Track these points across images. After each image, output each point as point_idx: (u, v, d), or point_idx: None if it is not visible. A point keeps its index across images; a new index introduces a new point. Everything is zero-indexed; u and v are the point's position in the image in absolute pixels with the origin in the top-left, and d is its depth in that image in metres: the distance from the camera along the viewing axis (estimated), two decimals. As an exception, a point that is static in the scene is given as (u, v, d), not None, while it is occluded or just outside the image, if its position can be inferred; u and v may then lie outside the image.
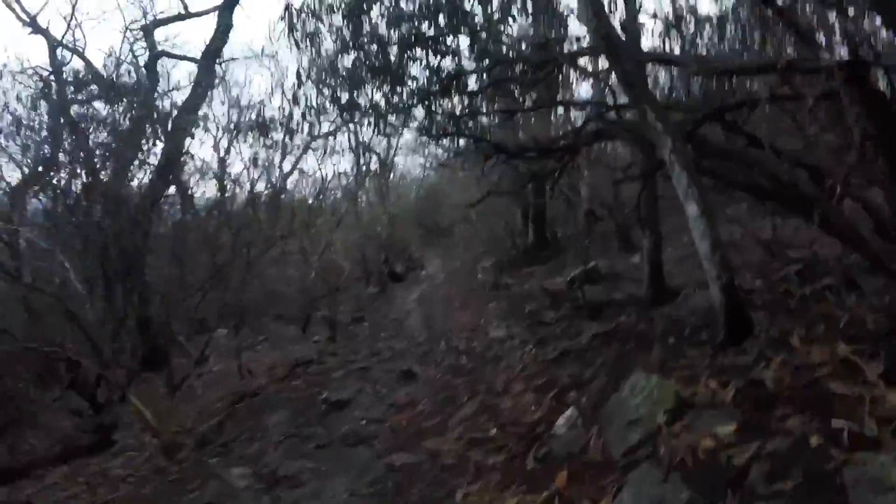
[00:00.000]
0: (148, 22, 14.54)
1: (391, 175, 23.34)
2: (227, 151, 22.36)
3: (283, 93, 8.37)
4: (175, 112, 12.33)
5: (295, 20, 7.10)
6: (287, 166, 25.05)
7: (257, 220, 11.30)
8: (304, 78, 7.39)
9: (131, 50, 13.65)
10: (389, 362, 8.07)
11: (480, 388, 6.60)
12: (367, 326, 11.24)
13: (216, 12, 13.83)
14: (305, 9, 7.04)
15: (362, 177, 19.55)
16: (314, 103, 7.41)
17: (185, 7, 15.27)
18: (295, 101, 7.36)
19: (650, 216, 7.77)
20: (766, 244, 7.07)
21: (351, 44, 7.13)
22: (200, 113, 14.55)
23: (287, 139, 24.18)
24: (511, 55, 7.29)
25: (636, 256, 12.22)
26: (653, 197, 7.72)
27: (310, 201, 19.15)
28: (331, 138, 24.72)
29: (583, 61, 7.82)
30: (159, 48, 14.45)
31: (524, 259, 15.01)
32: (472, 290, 14.41)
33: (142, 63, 13.78)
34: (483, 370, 7.19)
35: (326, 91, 7.56)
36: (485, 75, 7.47)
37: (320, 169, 26.39)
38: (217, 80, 16.06)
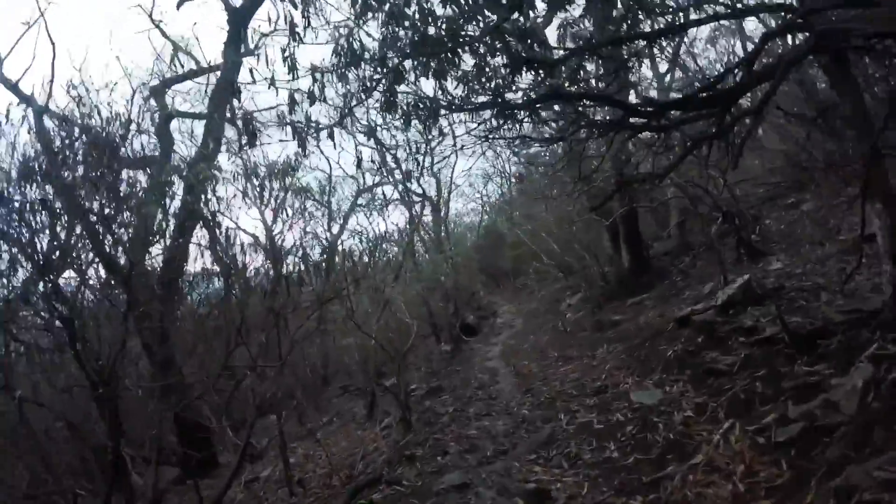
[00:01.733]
0: (158, 83, 12.54)
1: (446, 219, 20.67)
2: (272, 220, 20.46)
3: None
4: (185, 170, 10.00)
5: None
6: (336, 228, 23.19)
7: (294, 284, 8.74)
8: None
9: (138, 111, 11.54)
10: (497, 465, 5.10)
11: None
12: (448, 399, 8.30)
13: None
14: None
15: (416, 223, 16.90)
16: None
17: (198, 62, 13.27)
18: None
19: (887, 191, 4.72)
20: None
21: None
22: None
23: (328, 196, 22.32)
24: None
25: (774, 263, 9.21)
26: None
27: (362, 258, 16.74)
28: (377, 189, 22.77)
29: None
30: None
31: (621, 289, 11.94)
32: (565, 334, 11.38)
33: (152, 128, 11.69)
34: (660, 471, 4.18)
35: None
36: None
37: (371, 225, 24.20)
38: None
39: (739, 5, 4.69)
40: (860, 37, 3.80)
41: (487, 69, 4.90)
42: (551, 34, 6.66)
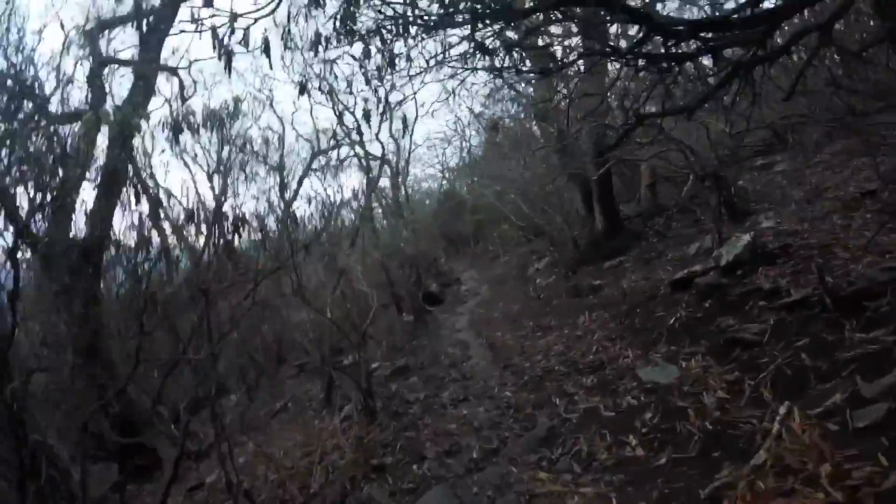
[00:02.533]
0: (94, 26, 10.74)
1: (405, 182, 19.39)
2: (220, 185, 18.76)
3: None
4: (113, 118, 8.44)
5: None
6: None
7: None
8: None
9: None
10: (489, 471, 3.99)
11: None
12: (417, 382, 7.19)
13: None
14: None
15: (374, 185, 15.61)
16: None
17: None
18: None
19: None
20: None
21: None
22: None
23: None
24: None
25: (763, 222, 8.40)
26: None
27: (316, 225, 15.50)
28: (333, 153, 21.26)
29: None
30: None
31: (594, 252, 11.02)
32: (537, 301, 10.41)
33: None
34: (713, 476, 3.17)
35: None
36: None
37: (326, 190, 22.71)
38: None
39: None
40: None
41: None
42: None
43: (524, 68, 4.97)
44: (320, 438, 6.46)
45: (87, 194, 9.99)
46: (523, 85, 16.19)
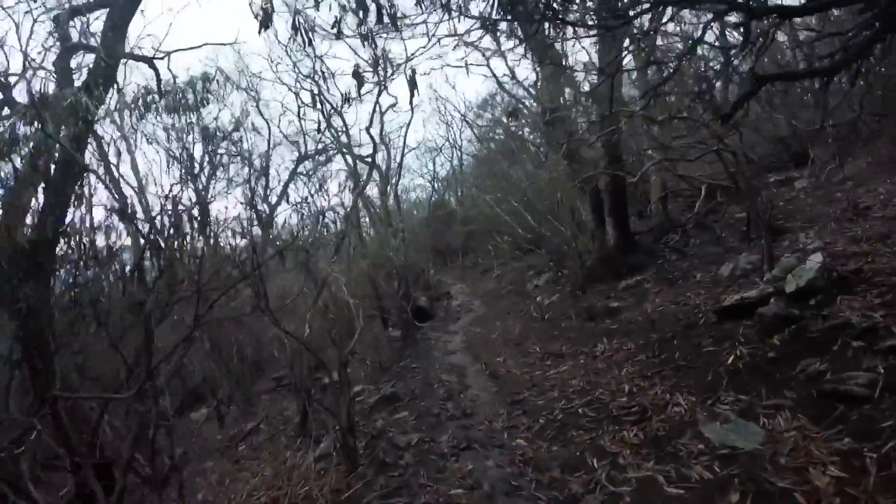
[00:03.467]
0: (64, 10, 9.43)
1: (396, 187, 18.09)
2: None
3: None
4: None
5: None
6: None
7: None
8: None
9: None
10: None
11: None
12: (408, 417, 5.89)
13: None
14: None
15: (361, 189, 14.29)
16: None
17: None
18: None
19: None
20: None
21: None
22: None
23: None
24: None
25: (806, 241, 7.35)
26: None
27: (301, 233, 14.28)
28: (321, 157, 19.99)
29: None
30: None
31: (605, 269, 9.85)
32: (542, 322, 9.18)
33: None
34: None
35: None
36: None
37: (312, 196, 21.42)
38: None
39: None
40: None
41: None
42: None
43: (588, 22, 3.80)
44: (290, 481, 5.21)
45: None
46: (523, 90, 15.20)
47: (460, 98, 36.35)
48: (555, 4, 3.52)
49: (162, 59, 9.30)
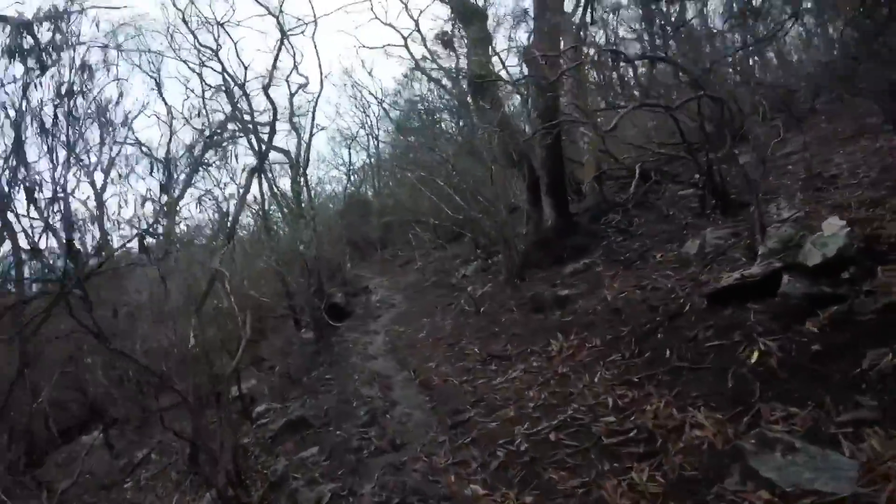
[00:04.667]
0: None
1: (305, 171, 16.18)
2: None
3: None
4: None
5: None
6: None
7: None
8: None
9: None
10: None
11: None
12: (319, 457, 4.31)
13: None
14: None
15: (258, 168, 12.32)
16: None
17: None
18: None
19: None
20: None
21: None
22: None
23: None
24: None
25: (778, 212, 6.41)
26: None
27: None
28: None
29: None
30: None
31: (543, 254, 8.63)
32: (477, 316, 7.80)
33: None
34: None
35: None
36: None
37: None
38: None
39: None
40: None
41: None
42: None
43: None
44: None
45: None
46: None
47: (377, 85, 34.33)
48: None
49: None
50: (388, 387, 5.93)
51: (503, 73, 11.27)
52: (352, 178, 28.26)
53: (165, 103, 18.76)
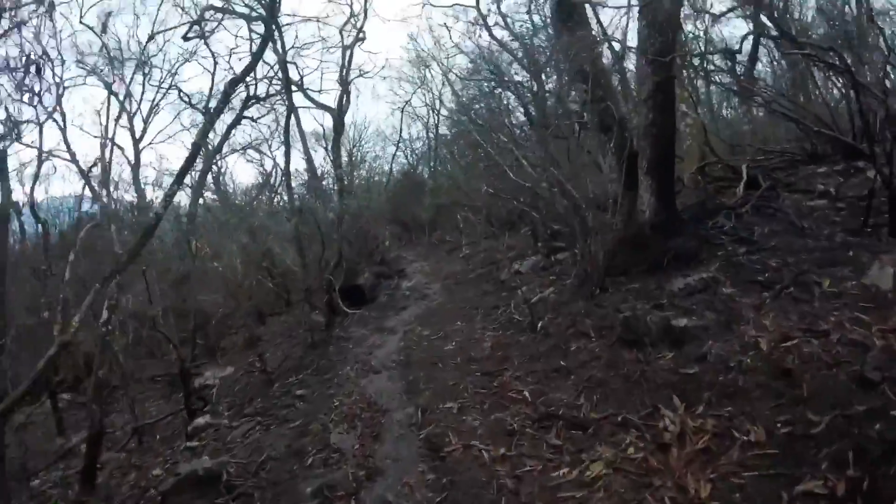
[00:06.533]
0: None
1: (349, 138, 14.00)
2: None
3: None
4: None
5: None
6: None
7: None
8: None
9: None
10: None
11: None
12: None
13: None
14: None
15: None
16: None
17: None
18: None
19: None
20: None
21: None
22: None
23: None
24: None
25: None
26: None
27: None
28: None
29: None
30: None
31: (636, 255, 5.99)
32: (540, 338, 5.23)
33: None
34: None
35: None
36: None
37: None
38: None
39: None
40: None
41: None
42: None
43: None
44: None
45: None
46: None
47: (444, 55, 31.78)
48: None
49: None
50: (376, 435, 3.52)
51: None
52: (403, 150, 25.94)
53: (211, 52, 16.64)
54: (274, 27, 8.32)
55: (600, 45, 7.44)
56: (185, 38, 8.58)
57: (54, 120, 11.41)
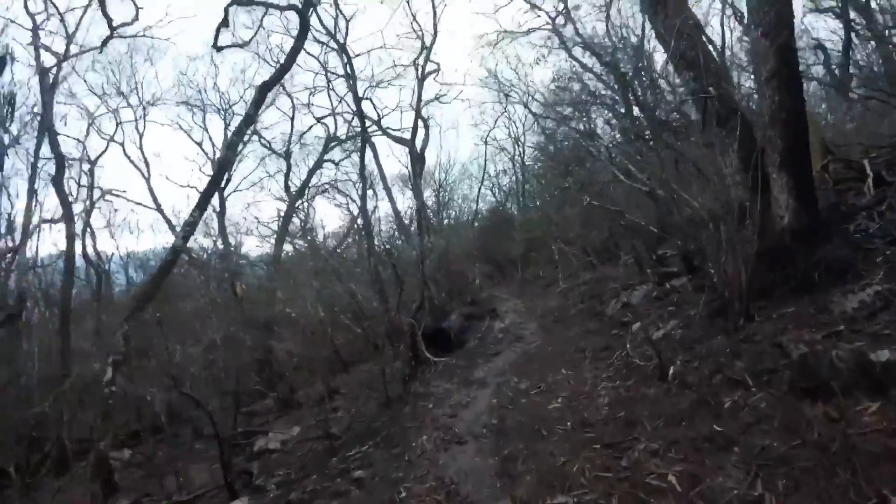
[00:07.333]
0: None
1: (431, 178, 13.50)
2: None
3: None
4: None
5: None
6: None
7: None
8: None
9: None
10: None
11: None
12: None
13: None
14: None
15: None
16: None
17: None
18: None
19: None
20: None
21: None
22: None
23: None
24: None
25: None
26: None
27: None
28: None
29: None
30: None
31: (777, 271, 4.66)
32: (667, 387, 4.03)
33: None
34: None
35: None
36: None
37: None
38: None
39: None
40: None
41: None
42: None
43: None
44: None
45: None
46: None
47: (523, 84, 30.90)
48: None
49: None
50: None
51: None
52: (490, 187, 25.27)
53: (289, 96, 16.79)
54: (309, 18, 7.89)
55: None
56: (217, 49, 8.33)
57: (138, 169, 11.63)
